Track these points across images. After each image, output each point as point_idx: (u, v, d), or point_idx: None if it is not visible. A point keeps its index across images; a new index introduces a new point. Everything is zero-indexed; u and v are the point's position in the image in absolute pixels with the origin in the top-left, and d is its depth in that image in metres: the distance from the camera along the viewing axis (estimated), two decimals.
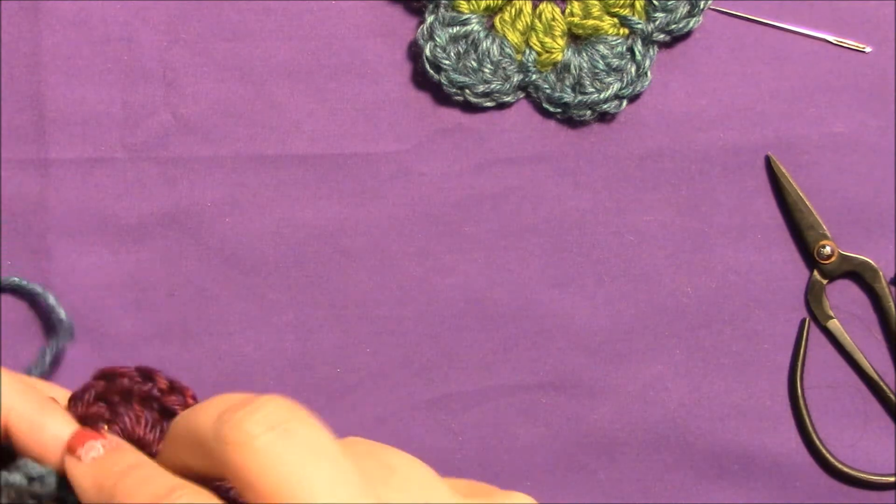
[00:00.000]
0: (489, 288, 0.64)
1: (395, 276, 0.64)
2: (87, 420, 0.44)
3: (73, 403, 0.45)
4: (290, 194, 0.64)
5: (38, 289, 0.62)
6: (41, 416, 0.43)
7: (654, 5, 0.63)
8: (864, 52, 0.64)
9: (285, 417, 0.37)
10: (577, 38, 0.63)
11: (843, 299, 0.65)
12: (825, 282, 0.64)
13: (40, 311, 0.63)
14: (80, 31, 0.63)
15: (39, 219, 0.64)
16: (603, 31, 0.63)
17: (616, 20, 0.63)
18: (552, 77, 0.63)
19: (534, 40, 0.63)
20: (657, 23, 0.63)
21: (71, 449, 0.42)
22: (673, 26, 0.63)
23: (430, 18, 0.63)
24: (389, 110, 0.64)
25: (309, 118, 0.64)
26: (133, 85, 0.64)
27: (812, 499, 0.64)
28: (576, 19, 0.63)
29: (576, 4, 0.63)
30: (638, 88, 0.63)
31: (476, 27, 0.63)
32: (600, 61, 0.63)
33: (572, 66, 0.63)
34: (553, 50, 0.63)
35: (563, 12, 0.63)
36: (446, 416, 0.64)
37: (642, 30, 0.63)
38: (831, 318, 0.64)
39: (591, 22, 0.63)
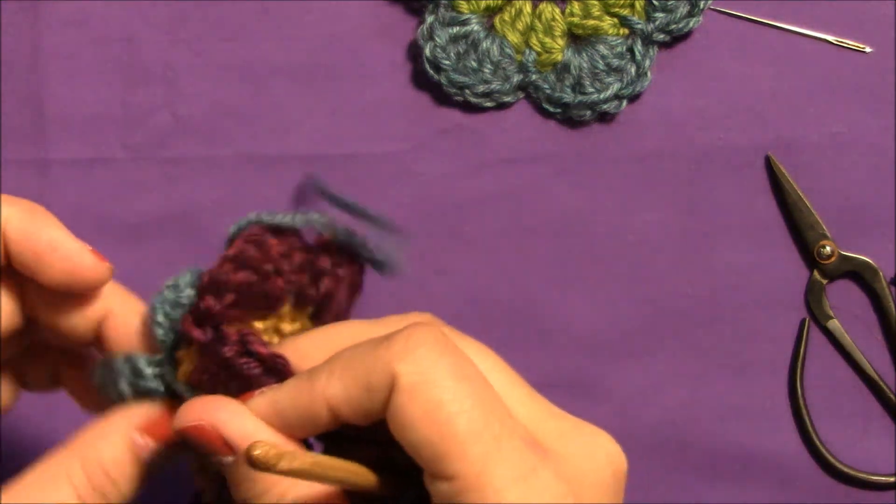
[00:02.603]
0: (489, 288, 0.64)
1: (395, 275, 0.64)
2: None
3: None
4: (290, 194, 0.64)
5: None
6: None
7: (654, 5, 0.63)
8: (864, 52, 0.64)
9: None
10: (577, 38, 0.63)
11: (843, 299, 0.65)
12: (825, 282, 0.64)
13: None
14: (80, 31, 0.63)
15: None
16: (603, 31, 0.63)
17: (616, 20, 0.63)
18: (552, 77, 0.63)
19: (534, 40, 0.63)
20: (657, 23, 0.63)
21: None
22: (673, 26, 0.63)
23: (430, 18, 0.63)
24: (389, 110, 0.64)
25: (309, 118, 0.64)
26: (133, 85, 0.64)
27: (812, 499, 0.64)
28: (576, 19, 0.63)
29: (576, 4, 0.63)
30: (638, 88, 0.63)
31: (476, 27, 0.63)
32: (600, 61, 0.63)
33: (572, 66, 0.63)
34: (553, 50, 0.63)
35: (563, 12, 0.63)
36: None
37: (642, 30, 0.63)
38: (831, 318, 0.64)
39: (591, 22, 0.63)
